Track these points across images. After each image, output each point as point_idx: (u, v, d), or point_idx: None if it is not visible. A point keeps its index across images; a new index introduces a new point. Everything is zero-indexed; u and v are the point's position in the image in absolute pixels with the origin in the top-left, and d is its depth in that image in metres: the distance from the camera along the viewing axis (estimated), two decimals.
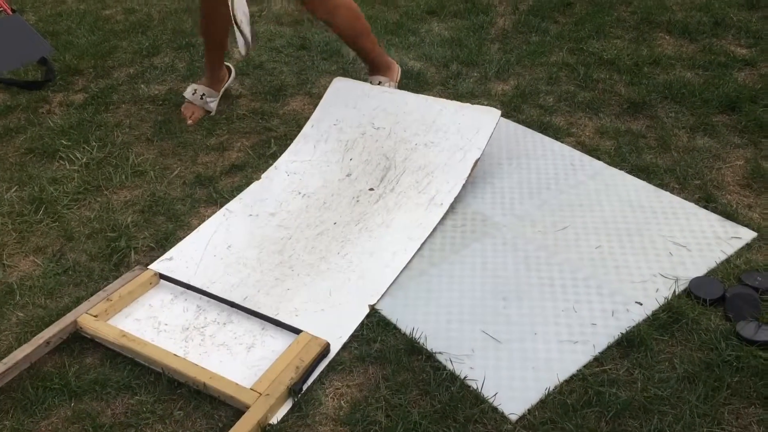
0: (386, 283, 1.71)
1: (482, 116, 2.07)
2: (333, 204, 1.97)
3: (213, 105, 2.55)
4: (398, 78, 2.62)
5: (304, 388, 1.47)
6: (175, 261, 1.85)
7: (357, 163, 2.09)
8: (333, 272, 1.75)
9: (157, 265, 1.83)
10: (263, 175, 2.15)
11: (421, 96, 2.21)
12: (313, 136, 2.24)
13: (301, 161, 2.16)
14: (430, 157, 2.03)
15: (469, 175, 1.97)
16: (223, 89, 2.62)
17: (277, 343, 1.58)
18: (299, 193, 2.03)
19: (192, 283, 1.76)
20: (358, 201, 1.96)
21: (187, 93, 2.55)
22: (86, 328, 1.60)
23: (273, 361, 1.50)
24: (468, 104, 2.13)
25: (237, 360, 1.55)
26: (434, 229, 1.88)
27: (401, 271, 1.76)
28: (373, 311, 1.66)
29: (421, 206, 1.92)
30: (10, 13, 3.23)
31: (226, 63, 2.63)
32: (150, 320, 1.68)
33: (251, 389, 1.43)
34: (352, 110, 2.23)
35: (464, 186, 1.96)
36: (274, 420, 1.41)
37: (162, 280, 1.78)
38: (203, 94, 2.53)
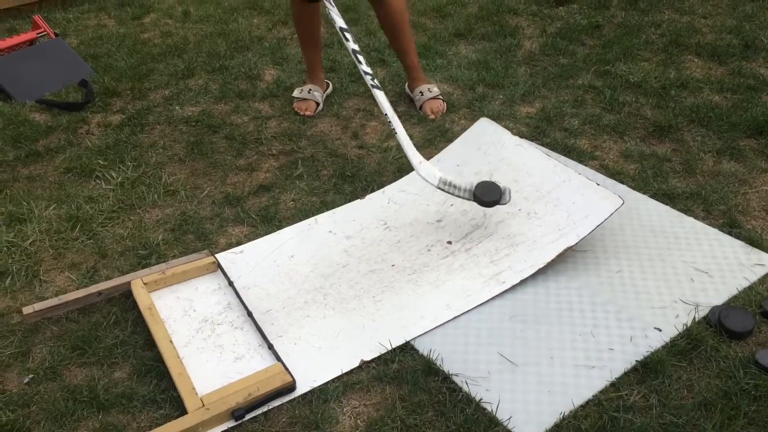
0: (391, 344, 1.64)
1: (600, 201, 1.86)
2: (405, 246, 1.95)
3: (320, 98, 2.77)
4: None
5: (248, 416, 1.48)
6: (243, 255, 1.96)
7: (454, 212, 2.04)
8: (355, 314, 1.75)
9: (224, 255, 1.96)
10: (367, 196, 2.19)
11: (552, 160, 2.04)
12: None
13: (409, 192, 2.17)
14: (524, 228, 1.91)
15: (553, 260, 1.81)
16: (326, 93, 2.84)
17: (258, 364, 1.61)
18: (385, 224, 2.04)
19: (241, 281, 1.86)
20: (429, 250, 1.93)
21: (295, 92, 2.80)
22: (133, 292, 1.79)
23: (238, 379, 1.54)
24: (595, 184, 1.91)
25: (220, 366, 1.61)
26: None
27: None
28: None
29: (482, 277, 1.81)
30: (53, 37, 3.38)
31: (326, 80, 2.88)
32: (185, 302, 1.81)
33: (201, 398, 1.48)
34: (480, 155, 2.17)
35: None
36: None
37: (219, 270, 1.89)
38: (310, 89, 2.77)
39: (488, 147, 2.17)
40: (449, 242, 1.94)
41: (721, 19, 3.31)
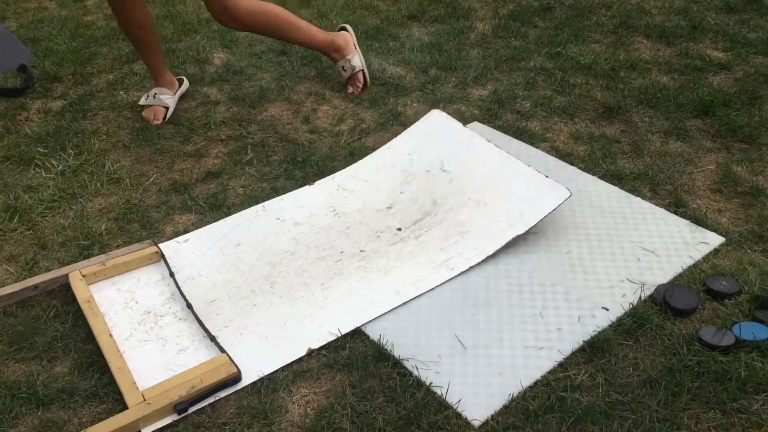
0: (340, 331, 1.62)
1: (549, 193, 1.88)
2: (354, 232, 1.93)
3: (169, 101, 2.57)
4: (354, 40, 2.69)
5: (192, 409, 1.45)
6: (188, 244, 1.91)
7: (404, 199, 2.02)
8: (303, 302, 1.72)
9: (168, 244, 1.91)
10: (317, 182, 2.14)
11: (503, 152, 2.04)
12: (384, 158, 2.19)
13: (358, 179, 2.13)
14: (474, 217, 1.91)
15: (501, 248, 1.82)
16: (178, 92, 2.65)
17: (203, 355, 1.58)
18: (334, 210, 2.00)
19: (186, 271, 1.81)
20: (378, 237, 1.90)
21: (141, 101, 2.59)
22: (71, 284, 1.74)
23: (181, 372, 1.50)
24: (543, 176, 1.92)
25: (163, 358, 1.57)
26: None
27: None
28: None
29: (432, 263, 1.80)
30: None
31: (179, 77, 2.70)
32: (127, 294, 1.75)
33: (142, 392, 1.45)
34: (432, 145, 2.16)
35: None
36: (147, 430, 1.41)
37: (162, 260, 1.84)
38: (155, 93, 2.56)
39: (439, 138, 2.16)
40: (399, 229, 1.93)
41: (670, 0, 3.35)
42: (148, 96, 2.57)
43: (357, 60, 2.65)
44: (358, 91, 2.65)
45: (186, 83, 2.73)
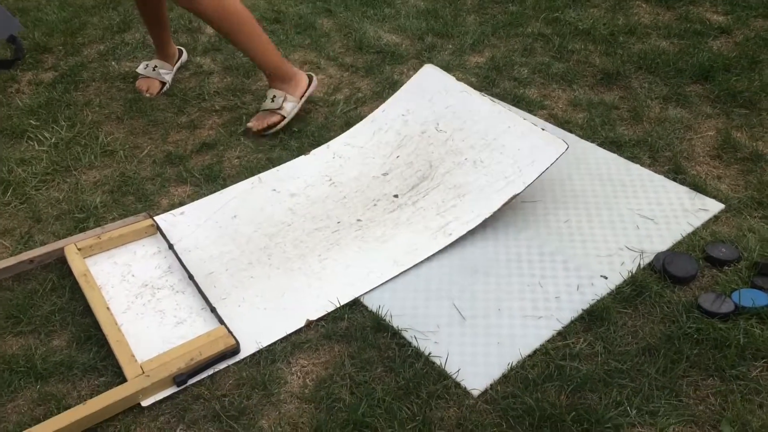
0: (339, 301, 1.62)
1: (545, 147, 1.83)
2: (351, 201, 1.91)
3: (167, 76, 2.54)
4: (307, 93, 2.31)
5: (191, 381, 1.45)
6: (184, 216, 1.90)
7: (400, 164, 2.00)
8: (300, 273, 1.71)
9: (164, 217, 1.90)
10: (312, 152, 2.11)
11: (498, 106, 1.99)
12: (378, 122, 2.15)
13: (354, 146, 2.10)
14: (471, 178, 1.88)
15: (498, 210, 1.79)
16: (176, 65, 2.61)
17: (201, 327, 1.57)
18: (330, 179, 1.98)
19: (182, 243, 1.80)
20: (375, 205, 1.88)
21: (140, 68, 2.54)
22: (67, 258, 1.72)
23: (180, 344, 1.50)
24: (540, 129, 1.88)
25: (161, 330, 1.57)
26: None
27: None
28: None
29: (429, 230, 1.79)
30: None
31: (178, 47, 2.65)
32: (123, 267, 1.75)
33: (141, 365, 1.44)
34: (426, 103, 2.11)
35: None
36: (146, 402, 1.42)
37: (158, 232, 1.83)
38: (155, 66, 2.53)
39: (433, 95, 2.13)
40: (395, 195, 1.91)
41: None
42: (147, 66, 2.53)
43: (290, 107, 2.27)
44: (259, 129, 2.23)
45: (185, 55, 2.69)
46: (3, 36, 2.84)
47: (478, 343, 1.52)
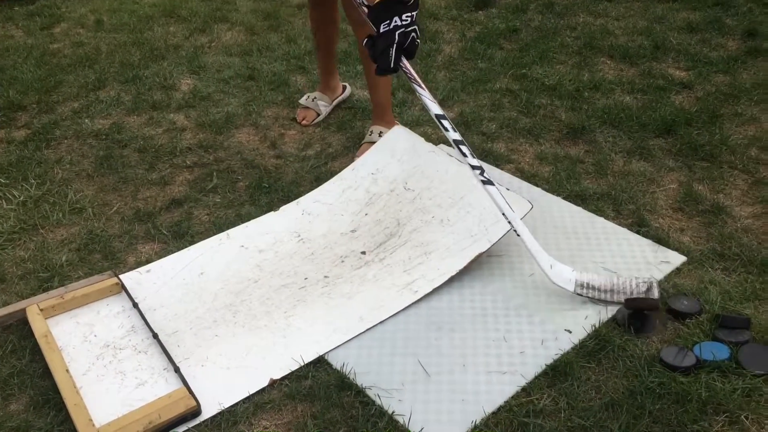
0: (303, 360, 1.60)
1: (511, 206, 1.79)
2: (318, 258, 1.91)
3: (324, 108, 2.69)
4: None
5: None
6: (150, 274, 1.89)
7: (368, 221, 2.02)
8: (266, 331, 1.70)
9: (130, 275, 1.89)
10: (281, 208, 2.13)
11: (464, 166, 1.92)
12: (348, 180, 2.17)
13: (323, 203, 2.12)
14: (437, 236, 1.90)
15: (465, 267, 1.80)
16: (336, 100, 2.75)
17: (162, 388, 1.55)
18: (299, 236, 1.99)
19: (147, 302, 1.80)
20: (342, 262, 1.89)
21: (302, 100, 2.74)
22: (28, 319, 1.71)
23: (139, 407, 1.48)
24: (504, 189, 1.88)
25: (121, 393, 1.55)
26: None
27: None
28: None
29: (395, 287, 1.79)
30: None
31: (343, 83, 2.82)
32: (86, 327, 1.73)
33: (98, 429, 1.42)
34: (395, 163, 2.14)
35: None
36: None
37: (123, 291, 1.82)
38: (315, 98, 2.71)
39: (402, 154, 2.16)
40: (363, 252, 1.92)
41: (633, 20, 3.41)
42: (308, 97, 2.72)
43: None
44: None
45: (348, 91, 2.82)
46: None
47: (443, 400, 1.51)
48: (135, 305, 1.77)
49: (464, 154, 1.76)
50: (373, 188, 2.13)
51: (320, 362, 1.62)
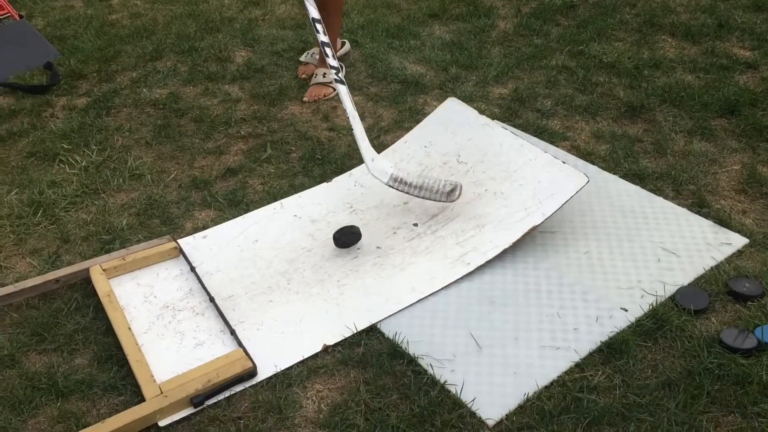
0: (356, 327, 1.62)
1: (565, 180, 1.83)
2: (371, 229, 1.92)
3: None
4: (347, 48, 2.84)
5: (208, 403, 1.46)
6: (206, 240, 1.93)
7: None
8: (319, 298, 1.72)
9: (187, 240, 1.93)
10: (334, 179, 2.15)
11: (519, 139, 2.01)
12: (401, 152, 2.18)
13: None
14: (491, 209, 1.88)
15: (518, 241, 1.79)
16: (338, 53, 2.78)
17: (219, 350, 1.59)
18: (351, 207, 2.01)
19: (204, 266, 1.83)
20: (395, 233, 1.90)
21: (302, 57, 2.88)
22: (91, 278, 1.75)
23: (198, 366, 1.51)
24: (561, 162, 1.88)
25: (180, 352, 1.59)
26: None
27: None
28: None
29: (448, 259, 1.78)
30: (18, 18, 3.29)
31: (342, 40, 2.88)
32: (146, 288, 1.78)
33: (159, 385, 1.46)
34: (448, 135, 2.13)
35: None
36: (163, 422, 1.43)
37: (181, 255, 1.86)
38: (313, 53, 2.84)
39: (455, 127, 2.14)
40: (415, 224, 1.92)
41: None
42: (307, 53, 2.87)
43: (332, 74, 2.64)
44: (311, 100, 2.66)
45: (348, 46, 2.88)
46: (40, 63, 2.95)
47: (495, 373, 1.51)
48: (192, 269, 1.81)
49: (326, 54, 2.07)
50: (426, 161, 2.12)
51: (372, 331, 1.64)
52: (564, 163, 1.89)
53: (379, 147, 2.30)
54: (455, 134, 2.13)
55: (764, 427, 1.35)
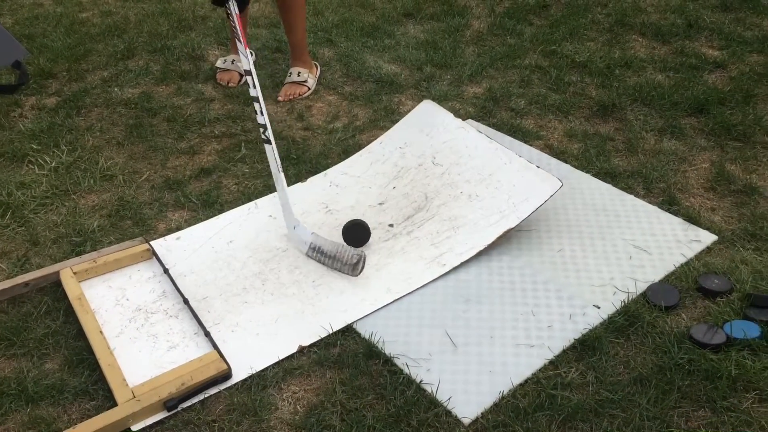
0: (331, 327, 1.62)
1: (540, 184, 1.86)
2: None
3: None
4: (318, 75, 2.79)
5: (182, 406, 1.45)
6: (180, 241, 1.91)
7: (396, 195, 2.02)
8: (294, 299, 1.71)
9: (160, 242, 1.91)
10: (309, 179, 2.14)
11: (494, 143, 2.02)
12: (376, 153, 2.19)
13: (351, 175, 2.13)
14: (465, 211, 1.90)
15: (493, 242, 1.81)
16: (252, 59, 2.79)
17: (193, 352, 1.57)
18: (326, 207, 2.00)
19: (177, 268, 1.81)
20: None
21: (218, 62, 2.82)
22: (62, 281, 1.73)
23: (171, 369, 1.50)
24: (535, 166, 1.91)
25: (153, 355, 1.57)
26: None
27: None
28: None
29: (423, 260, 1.79)
30: None
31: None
32: (118, 291, 1.76)
33: (132, 389, 1.44)
34: (423, 137, 2.14)
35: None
36: (136, 427, 1.41)
37: (154, 257, 1.84)
38: (233, 60, 2.77)
39: (431, 129, 2.15)
40: (391, 225, 1.92)
41: None
42: (225, 60, 2.80)
43: (312, 82, 2.73)
44: (287, 99, 2.66)
45: (254, 56, 2.89)
46: (8, 62, 2.88)
47: (470, 371, 1.52)
48: (166, 271, 1.79)
49: (256, 111, 1.93)
50: (401, 162, 2.13)
51: (348, 331, 1.64)
52: (538, 167, 1.91)
53: (355, 147, 2.30)
54: (430, 136, 2.13)
55: (733, 421, 1.37)
